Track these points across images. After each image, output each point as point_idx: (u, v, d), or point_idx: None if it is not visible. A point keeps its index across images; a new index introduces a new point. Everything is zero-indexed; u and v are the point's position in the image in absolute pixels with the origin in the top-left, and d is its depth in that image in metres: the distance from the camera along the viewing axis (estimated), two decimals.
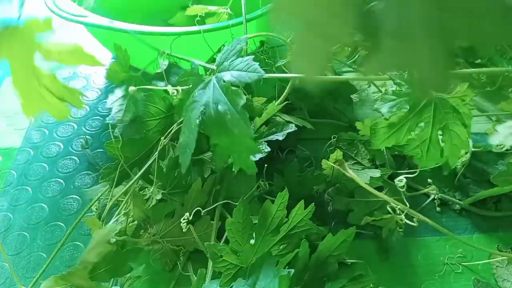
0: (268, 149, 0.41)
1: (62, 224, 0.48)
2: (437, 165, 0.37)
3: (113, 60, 0.72)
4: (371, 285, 0.37)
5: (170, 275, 0.43)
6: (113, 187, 0.40)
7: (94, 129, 0.61)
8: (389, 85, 0.61)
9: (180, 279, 0.42)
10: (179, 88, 0.40)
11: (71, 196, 0.52)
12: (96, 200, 0.42)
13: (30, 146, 0.58)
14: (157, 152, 0.39)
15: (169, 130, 0.40)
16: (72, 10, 0.54)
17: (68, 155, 0.57)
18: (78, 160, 0.56)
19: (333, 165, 0.43)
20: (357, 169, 0.45)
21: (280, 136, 0.42)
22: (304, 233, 0.38)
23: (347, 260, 0.43)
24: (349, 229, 0.38)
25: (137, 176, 0.38)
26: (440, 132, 0.35)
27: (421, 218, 0.40)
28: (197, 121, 0.37)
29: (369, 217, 0.44)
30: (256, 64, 0.36)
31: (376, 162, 0.49)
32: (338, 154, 0.42)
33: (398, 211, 0.40)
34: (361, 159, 0.48)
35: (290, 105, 0.55)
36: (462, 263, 0.44)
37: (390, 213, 0.41)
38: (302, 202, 0.38)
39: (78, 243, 0.46)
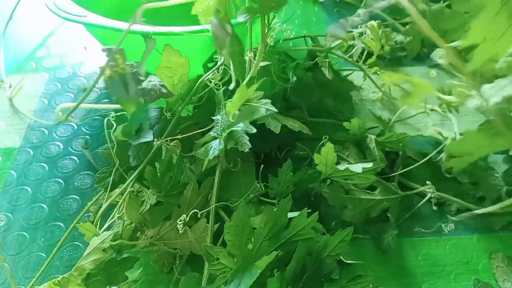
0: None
1: (62, 224, 0.49)
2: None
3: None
4: (371, 285, 0.37)
5: (168, 277, 0.43)
6: (107, 191, 0.40)
7: (94, 129, 0.60)
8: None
9: (179, 280, 0.42)
10: None
11: (70, 196, 0.52)
12: (94, 202, 0.42)
13: (30, 146, 0.58)
14: (150, 155, 0.38)
15: (165, 134, 0.40)
16: (72, 10, 0.54)
17: (68, 155, 0.57)
18: (77, 160, 0.56)
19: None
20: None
21: (255, 129, 0.40)
22: (305, 241, 0.37)
23: (347, 261, 0.43)
24: (346, 229, 0.37)
25: (130, 179, 0.38)
26: None
27: None
28: None
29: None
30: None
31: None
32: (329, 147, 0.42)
33: None
34: (353, 160, 0.48)
35: (289, 103, 0.55)
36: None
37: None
38: (305, 210, 0.37)
39: (77, 243, 0.47)
